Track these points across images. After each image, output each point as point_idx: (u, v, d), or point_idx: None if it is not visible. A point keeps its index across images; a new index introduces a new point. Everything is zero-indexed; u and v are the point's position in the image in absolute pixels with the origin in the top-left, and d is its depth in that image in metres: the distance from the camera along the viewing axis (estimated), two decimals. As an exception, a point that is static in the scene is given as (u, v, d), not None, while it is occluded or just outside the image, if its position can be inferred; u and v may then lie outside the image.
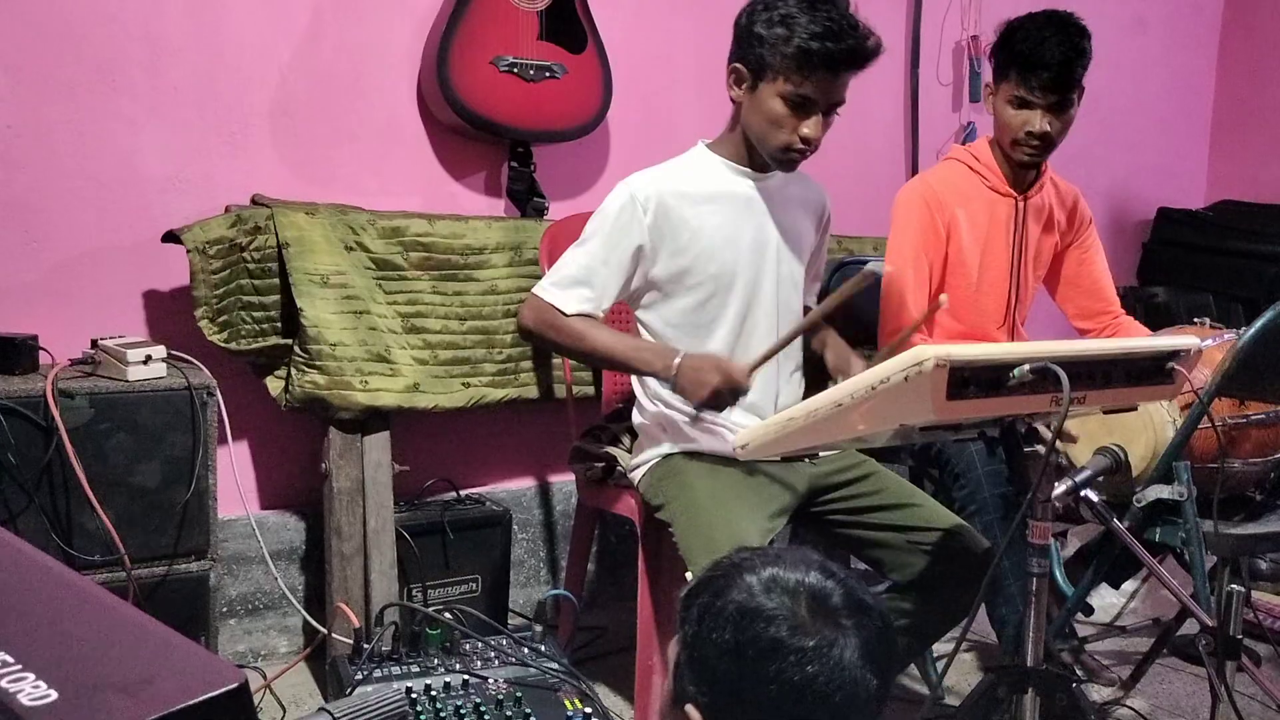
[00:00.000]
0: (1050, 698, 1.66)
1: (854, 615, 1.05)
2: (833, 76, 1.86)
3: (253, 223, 2.35)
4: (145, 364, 2.11)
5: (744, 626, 1.05)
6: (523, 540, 2.87)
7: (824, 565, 1.10)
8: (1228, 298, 3.81)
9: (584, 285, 1.97)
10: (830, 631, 1.04)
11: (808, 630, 1.04)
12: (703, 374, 1.85)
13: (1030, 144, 2.29)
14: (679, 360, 1.88)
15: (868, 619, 1.06)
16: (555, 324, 1.98)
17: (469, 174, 2.79)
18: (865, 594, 1.09)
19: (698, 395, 1.86)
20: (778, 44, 1.85)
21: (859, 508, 2.02)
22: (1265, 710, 2.35)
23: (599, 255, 1.97)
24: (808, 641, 1.03)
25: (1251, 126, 4.29)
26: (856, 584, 1.09)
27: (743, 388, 1.85)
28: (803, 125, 1.89)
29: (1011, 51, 2.25)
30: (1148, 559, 1.70)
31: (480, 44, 2.57)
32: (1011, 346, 1.94)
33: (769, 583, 1.07)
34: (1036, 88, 2.23)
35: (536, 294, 2.01)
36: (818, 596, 1.06)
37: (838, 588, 1.07)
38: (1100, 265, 2.55)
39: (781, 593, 1.06)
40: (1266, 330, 1.95)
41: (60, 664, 0.72)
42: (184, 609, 2.15)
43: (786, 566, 1.09)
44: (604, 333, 1.99)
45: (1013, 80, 2.26)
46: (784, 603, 1.05)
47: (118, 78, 2.35)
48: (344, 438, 2.43)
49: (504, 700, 1.74)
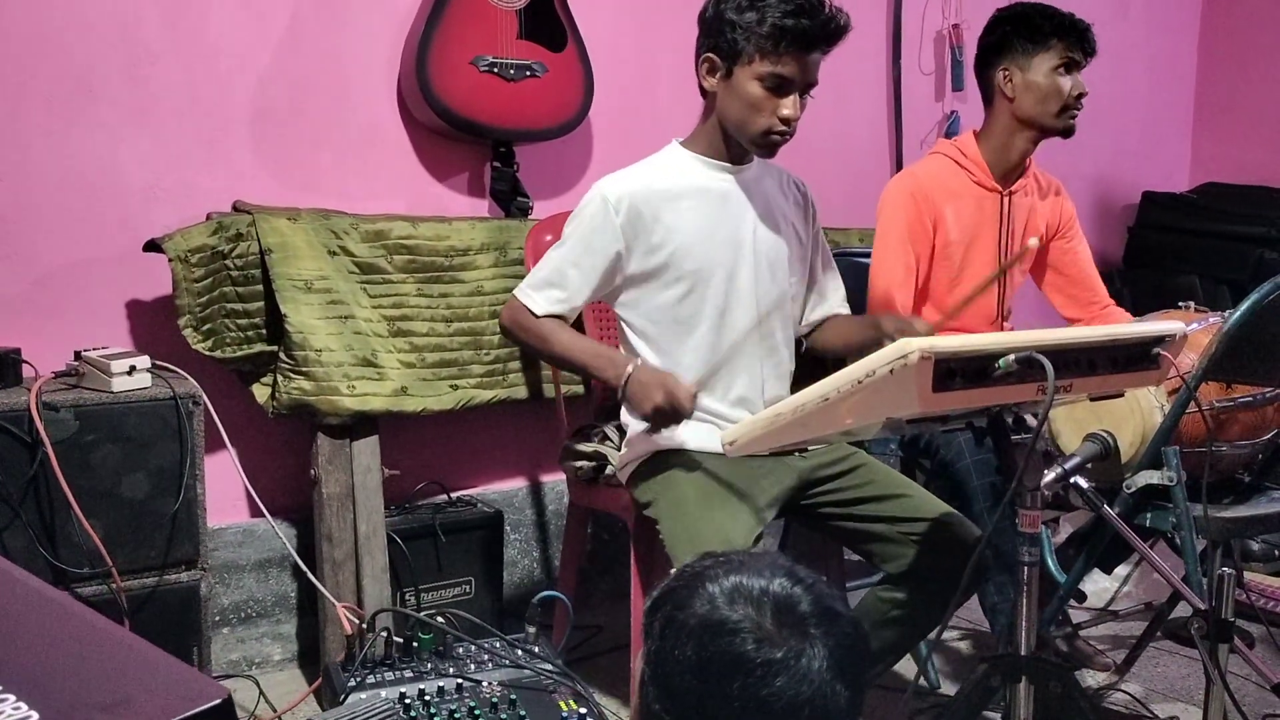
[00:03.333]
0: (1044, 685, 1.66)
1: (823, 623, 1.02)
2: (807, 54, 1.88)
3: (235, 230, 2.33)
4: (130, 374, 2.09)
5: (707, 642, 1.01)
6: (515, 541, 2.87)
7: (791, 570, 1.06)
8: (1213, 280, 3.82)
9: (555, 287, 2.00)
10: (797, 642, 1.00)
11: (774, 641, 1.00)
12: (648, 389, 1.86)
13: (1079, 106, 2.36)
14: (630, 371, 1.90)
15: (837, 626, 1.02)
16: (525, 325, 2.02)
17: (452, 175, 2.78)
18: (835, 600, 1.06)
19: (641, 410, 1.89)
20: (751, 26, 1.86)
21: (849, 499, 2.02)
22: (1259, 691, 2.35)
23: (570, 257, 2.00)
24: (774, 654, 0.99)
25: (1234, 109, 4.30)
26: (826, 589, 1.06)
27: (685, 411, 1.86)
28: (781, 106, 1.90)
29: (1039, 26, 2.32)
30: (1139, 544, 1.71)
31: (460, 44, 2.56)
32: (996, 336, 1.93)
33: (732, 592, 1.03)
34: (1080, 49, 2.32)
35: (514, 294, 2.05)
36: (783, 605, 1.02)
37: (805, 594, 1.04)
38: (1085, 255, 2.56)
39: (746, 602, 1.02)
40: (1252, 313, 1.95)
41: (41, 684, 0.71)
42: (175, 620, 2.14)
43: (751, 573, 1.05)
44: (566, 335, 2.02)
45: (1057, 48, 2.31)
46: (749, 614, 1.02)
47: (96, 86, 2.34)
48: (332, 443, 2.42)
49: (498, 703, 1.74)
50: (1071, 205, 2.55)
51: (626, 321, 2.07)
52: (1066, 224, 2.53)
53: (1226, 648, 1.66)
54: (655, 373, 1.91)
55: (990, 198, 2.40)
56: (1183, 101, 4.41)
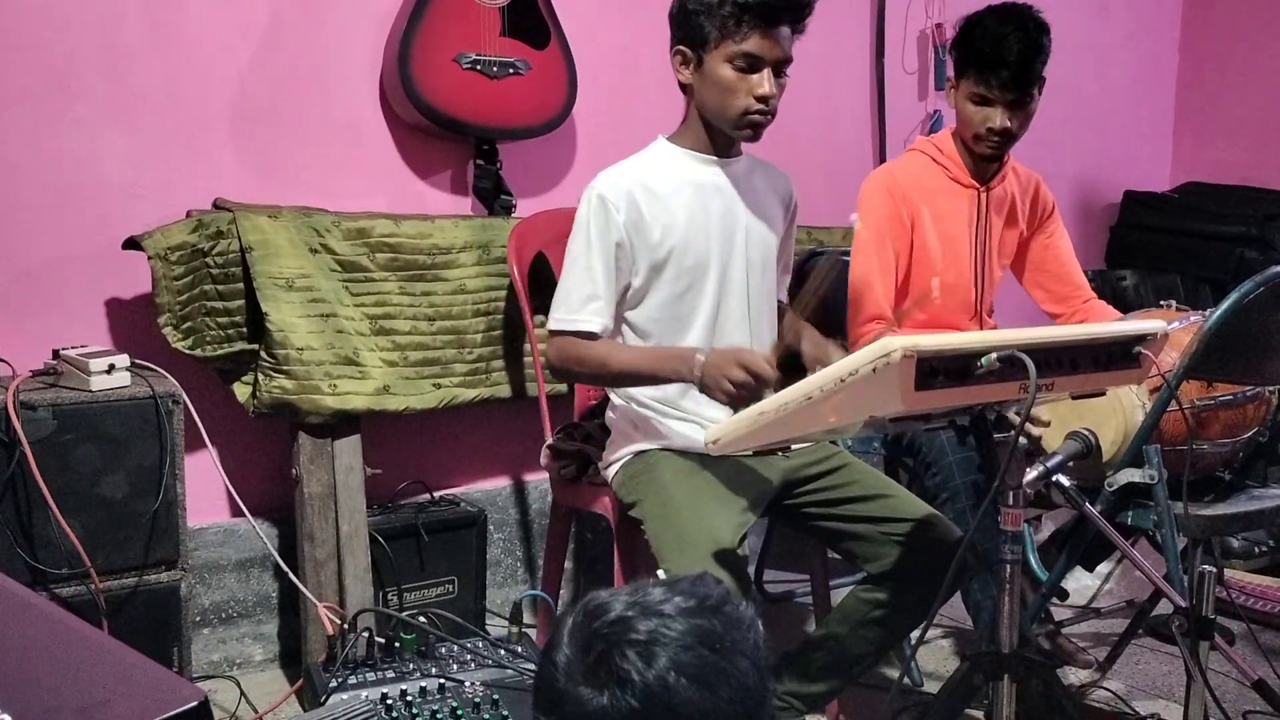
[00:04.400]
0: (1027, 683, 1.66)
1: (625, 688, 1.02)
2: (772, 28, 1.87)
3: (215, 227, 2.32)
4: (109, 373, 2.08)
5: (541, 660, 1.10)
6: (498, 540, 2.86)
7: (676, 634, 1.04)
8: (1195, 279, 3.85)
9: (593, 299, 1.96)
10: (591, 689, 1.02)
11: (573, 678, 1.04)
12: (725, 369, 1.79)
13: (991, 140, 2.31)
14: (700, 359, 1.84)
15: (638, 695, 1.01)
16: (582, 356, 1.96)
17: (434, 173, 2.76)
18: (685, 673, 1.02)
19: (724, 390, 1.79)
20: (712, 10, 1.87)
21: (832, 499, 2.02)
22: (1240, 687, 2.37)
23: (593, 265, 1.96)
24: (572, 687, 1.04)
25: (1215, 108, 4.33)
26: (695, 657, 1.03)
27: (768, 377, 1.78)
28: (755, 86, 1.89)
29: (971, 49, 2.27)
30: (1120, 542, 1.71)
31: (442, 42, 2.55)
32: (978, 335, 1.94)
33: (594, 613, 1.07)
34: (996, 85, 2.24)
35: (554, 330, 1.99)
36: (606, 652, 1.04)
37: (641, 651, 1.03)
38: (1066, 249, 2.56)
39: (583, 633, 1.07)
40: (1233, 312, 1.96)
41: (16, 687, 0.70)
42: (155, 620, 2.13)
43: (646, 613, 1.05)
44: (625, 353, 1.99)
45: (972, 78, 2.27)
46: (576, 644, 1.06)
47: (74, 84, 2.32)
48: (314, 442, 2.41)
49: (481, 703, 1.73)
50: (1052, 197, 2.55)
51: (628, 321, 2.05)
52: (1046, 216, 2.54)
53: (1207, 645, 1.67)
54: (724, 352, 1.84)
55: (966, 195, 2.41)
56: (1164, 101, 4.43)
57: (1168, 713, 2.36)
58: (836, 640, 2.00)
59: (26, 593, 0.87)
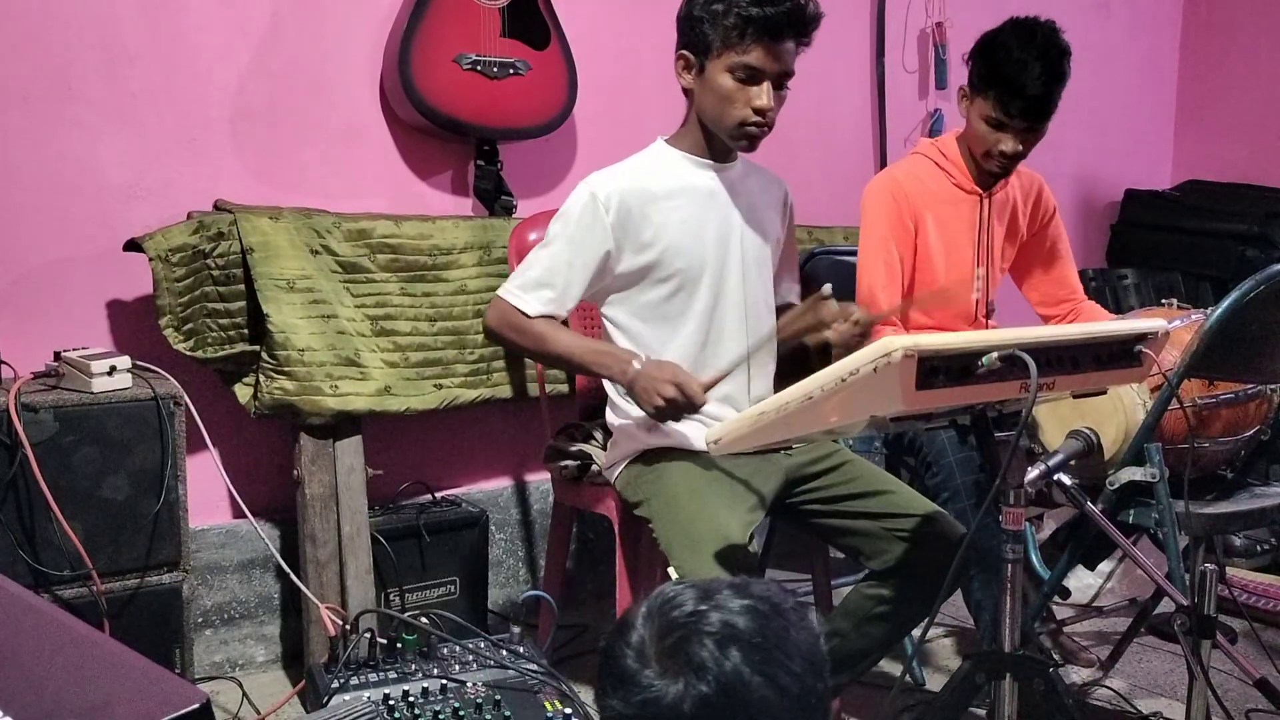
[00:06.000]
0: (1028, 682, 1.66)
1: (703, 674, 1.04)
2: (775, 42, 1.87)
3: (216, 229, 2.32)
4: (110, 375, 2.08)
5: (606, 646, 1.10)
6: (500, 541, 2.86)
7: (737, 624, 1.07)
8: (1196, 277, 3.85)
9: (546, 287, 1.98)
10: (665, 678, 1.04)
11: (646, 662, 1.06)
12: (658, 382, 1.83)
13: (1000, 161, 2.29)
14: (637, 367, 1.88)
15: (715, 681, 1.04)
16: (518, 326, 1.99)
17: (435, 174, 2.76)
18: (755, 659, 1.06)
19: (651, 403, 1.84)
20: (717, 19, 1.87)
21: (834, 497, 2.02)
22: (1242, 686, 2.37)
23: (562, 257, 1.98)
24: (644, 675, 1.05)
25: (1216, 106, 4.32)
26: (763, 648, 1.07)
27: (697, 403, 1.83)
28: (754, 97, 1.89)
29: (992, 70, 2.21)
30: (1122, 541, 1.71)
31: (442, 42, 2.55)
32: (979, 334, 1.94)
33: (664, 606, 1.09)
34: (1016, 114, 2.21)
35: (500, 296, 2.02)
36: (683, 637, 1.06)
37: (716, 638, 1.06)
38: (1065, 253, 2.56)
39: (656, 620, 1.09)
40: (1234, 310, 1.96)
41: (17, 689, 0.70)
42: (157, 622, 2.13)
43: (711, 601, 1.09)
44: (565, 335, 2.00)
45: (990, 100, 2.22)
46: (646, 631, 1.08)
47: (74, 85, 2.32)
48: (315, 443, 2.41)
49: (483, 704, 1.73)
50: (1054, 201, 2.54)
51: (610, 319, 2.06)
52: (1047, 221, 2.53)
53: (1209, 643, 1.67)
54: (663, 366, 1.88)
55: (969, 200, 2.40)
56: (1165, 99, 4.43)
57: (1170, 711, 2.36)
58: (840, 637, 2.00)
59: (28, 594, 0.87)
